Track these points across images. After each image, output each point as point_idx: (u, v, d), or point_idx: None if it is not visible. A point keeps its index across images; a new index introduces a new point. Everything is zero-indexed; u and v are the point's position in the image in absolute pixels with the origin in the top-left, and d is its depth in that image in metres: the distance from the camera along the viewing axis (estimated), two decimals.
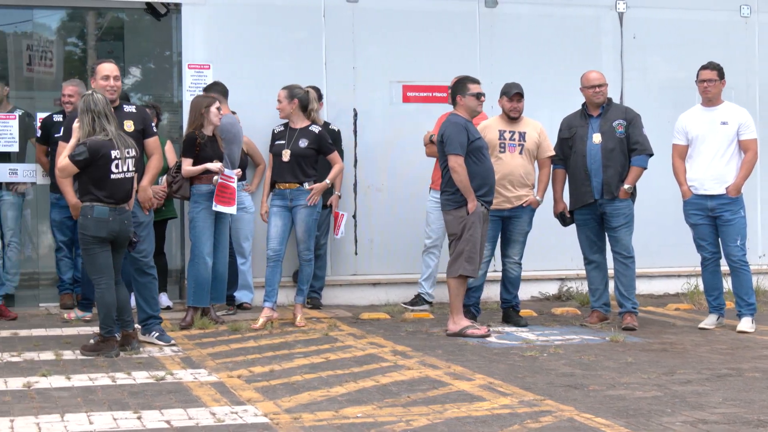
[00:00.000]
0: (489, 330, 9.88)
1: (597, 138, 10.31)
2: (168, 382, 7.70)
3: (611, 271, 10.59)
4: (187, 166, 10.09)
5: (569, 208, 10.55)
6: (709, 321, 10.32)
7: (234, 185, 10.16)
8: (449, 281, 9.84)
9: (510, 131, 10.38)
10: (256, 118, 11.41)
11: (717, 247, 10.22)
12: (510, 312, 10.54)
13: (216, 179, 10.04)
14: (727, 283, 10.48)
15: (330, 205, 11.41)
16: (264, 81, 11.45)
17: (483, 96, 9.94)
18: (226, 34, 11.74)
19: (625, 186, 10.23)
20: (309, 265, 10.42)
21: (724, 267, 10.26)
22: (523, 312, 10.80)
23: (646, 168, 10.37)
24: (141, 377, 7.83)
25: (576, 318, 10.99)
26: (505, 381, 7.76)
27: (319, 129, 10.35)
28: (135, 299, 9.34)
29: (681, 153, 10.30)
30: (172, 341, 9.21)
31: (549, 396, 7.27)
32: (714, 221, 10.14)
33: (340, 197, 11.55)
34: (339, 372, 8.08)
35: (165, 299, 11.30)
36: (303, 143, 10.24)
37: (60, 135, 9.56)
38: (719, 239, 10.19)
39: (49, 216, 11.51)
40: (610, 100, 10.51)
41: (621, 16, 12.75)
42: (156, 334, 9.22)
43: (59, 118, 11.14)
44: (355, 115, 12.00)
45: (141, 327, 9.25)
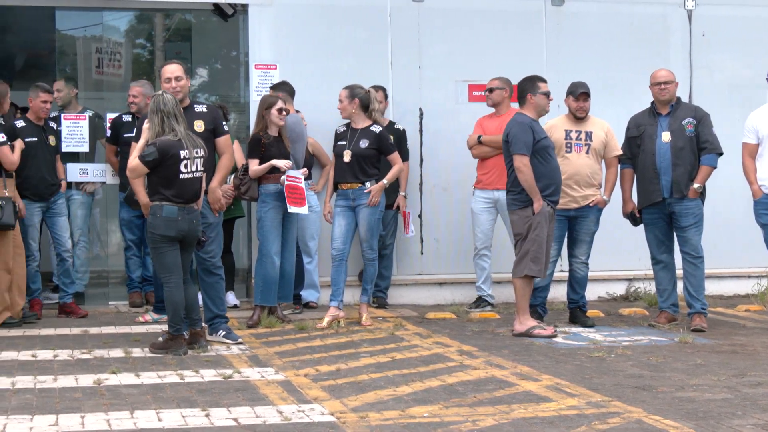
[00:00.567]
0: (556, 330, 9.83)
1: (666, 136, 10.21)
2: (235, 380, 7.75)
3: (680, 272, 10.48)
4: (254, 166, 10.15)
5: (637, 207, 10.46)
6: None
7: (302, 185, 10.20)
8: (515, 281, 9.80)
9: (576, 131, 10.32)
10: (320, 118, 11.44)
11: None
12: (577, 312, 10.47)
13: (283, 179, 10.09)
14: None
15: (398, 206, 11.42)
16: (329, 81, 11.48)
17: (551, 95, 9.91)
18: (292, 34, 11.80)
19: (695, 185, 10.12)
20: (372, 265, 10.43)
21: None
22: (590, 312, 10.72)
23: (715, 167, 10.24)
24: (209, 375, 7.89)
25: (644, 319, 10.88)
26: (572, 382, 7.71)
27: (380, 129, 10.35)
28: (202, 298, 9.41)
29: (751, 152, 10.16)
30: (239, 339, 9.27)
31: (617, 397, 7.21)
32: None
33: (405, 197, 11.54)
34: (405, 371, 8.08)
35: (232, 298, 11.38)
36: (364, 143, 10.25)
37: (132, 135, 9.67)
38: None
39: (118, 215, 11.64)
40: (678, 98, 10.40)
41: (690, 13, 12.62)
42: (223, 332, 9.29)
43: (128, 118, 11.27)
44: (421, 115, 12.00)
45: (208, 326, 9.32)
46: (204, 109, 9.31)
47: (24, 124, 10.47)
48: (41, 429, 6.32)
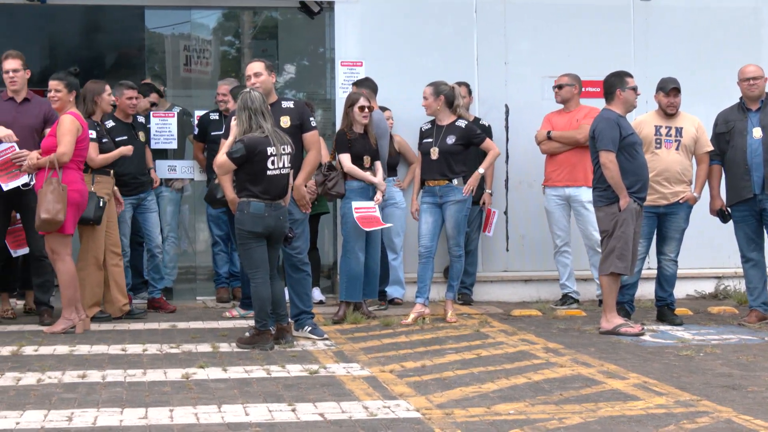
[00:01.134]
0: (643, 328, 9.72)
1: (757, 132, 10.05)
2: (321, 375, 7.79)
3: None
4: (347, 161, 10.19)
5: (726, 203, 10.31)
6: None
7: (373, 213, 10.25)
8: (601, 279, 9.72)
9: (666, 127, 10.21)
10: (406, 114, 11.44)
11: None
12: (665, 310, 10.35)
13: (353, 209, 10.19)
14: None
15: (484, 203, 11.39)
16: (414, 77, 11.47)
17: (638, 90, 9.82)
18: (377, 30, 11.82)
19: None
20: (459, 261, 10.42)
21: None
22: (679, 310, 10.59)
23: None
24: (295, 370, 7.94)
25: (733, 317, 10.72)
26: (660, 380, 7.63)
27: (466, 123, 10.33)
28: (288, 294, 9.48)
29: None
30: (324, 335, 9.32)
31: (706, 396, 7.11)
32: None
33: (491, 194, 11.51)
34: (491, 368, 8.06)
35: (318, 294, 11.44)
36: (450, 140, 10.24)
37: (220, 133, 9.76)
38: None
39: (206, 211, 11.76)
40: None
41: None
42: (309, 328, 9.34)
43: (215, 116, 11.38)
44: (507, 111, 11.95)
45: (294, 322, 9.37)
46: (291, 105, 9.37)
47: (113, 123, 10.62)
48: (131, 422, 6.41)
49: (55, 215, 9.22)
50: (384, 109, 11.04)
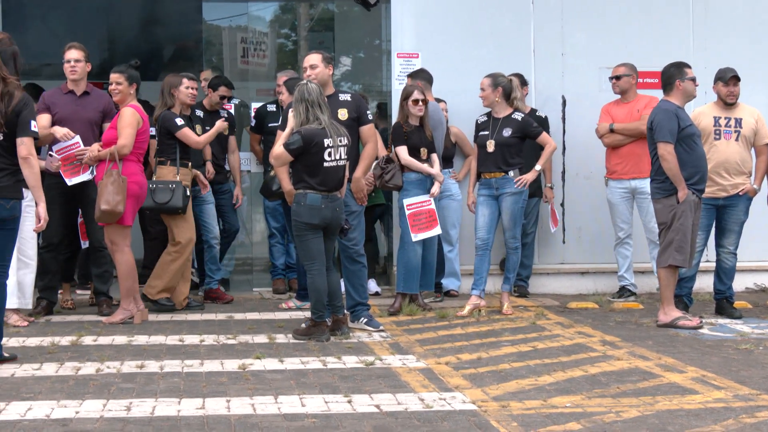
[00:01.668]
0: (701, 321, 9.63)
1: None
2: (377, 367, 7.81)
3: None
4: (404, 154, 10.19)
5: None
6: None
7: (429, 207, 10.25)
8: (659, 271, 9.65)
9: (725, 117, 10.10)
10: (462, 106, 11.42)
11: None
12: (723, 303, 10.25)
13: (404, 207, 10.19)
14: None
15: (543, 195, 11.37)
16: (471, 69, 11.44)
17: (697, 80, 9.73)
18: (434, 22, 11.80)
19: None
20: (515, 253, 10.38)
21: None
22: (738, 304, 10.48)
23: None
24: (351, 362, 7.96)
25: None
26: (719, 374, 7.56)
27: (522, 115, 10.28)
28: (344, 286, 9.50)
29: None
30: (380, 327, 9.33)
31: (765, 390, 7.04)
32: None
33: (552, 188, 11.45)
34: (547, 361, 8.03)
35: (374, 285, 11.46)
36: (507, 132, 10.20)
37: (276, 124, 9.80)
38: None
39: (263, 203, 11.81)
40: None
41: None
42: (365, 320, 9.36)
43: (273, 107, 11.41)
44: (564, 103, 11.88)
45: (350, 314, 9.40)
46: (348, 98, 9.39)
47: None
48: (188, 412, 6.47)
49: (115, 206, 9.32)
50: (439, 101, 11.02)
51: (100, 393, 6.93)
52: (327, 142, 8.67)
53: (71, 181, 9.88)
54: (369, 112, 9.43)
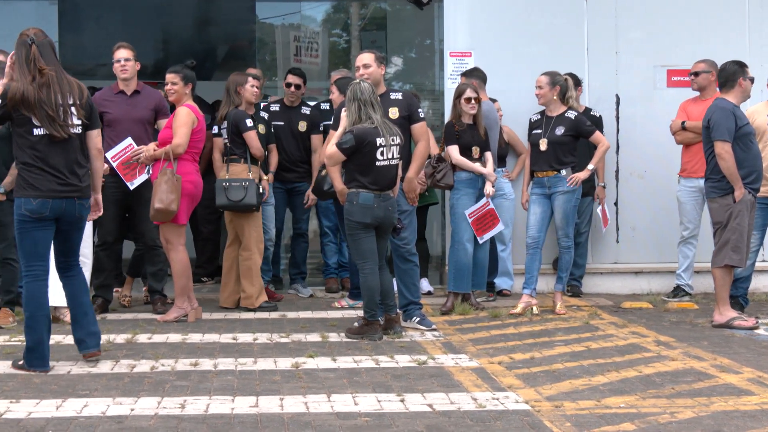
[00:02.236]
0: (757, 322, 9.53)
1: None
2: (430, 366, 7.81)
3: None
4: (455, 153, 10.18)
5: None
6: None
7: (489, 207, 10.23)
8: (714, 271, 9.55)
9: None
10: (515, 105, 11.37)
11: None
12: None
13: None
14: None
15: (597, 196, 11.30)
16: (523, 68, 11.40)
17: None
18: (486, 20, 11.76)
19: None
20: (568, 253, 10.33)
21: None
22: None
23: None
24: (403, 361, 7.96)
25: None
26: None
27: (575, 114, 10.22)
28: (396, 285, 9.50)
29: None
30: (433, 326, 9.32)
31: None
32: None
33: (604, 188, 11.37)
34: (600, 361, 7.99)
35: (426, 284, 11.45)
36: (560, 131, 10.15)
37: (329, 123, 9.82)
38: None
39: (316, 202, 11.81)
40: None
41: None
42: (417, 319, 9.35)
43: (326, 106, 11.42)
44: (618, 101, 11.79)
45: (402, 313, 9.40)
46: (399, 97, 9.39)
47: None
48: (242, 410, 6.50)
49: (169, 205, 9.38)
50: (493, 101, 10.99)
51: (154, 391, 6.99)
52: (379, 141, 8.68)
53: (133, 184, 9.96)
54: (420, 110, 9.43)
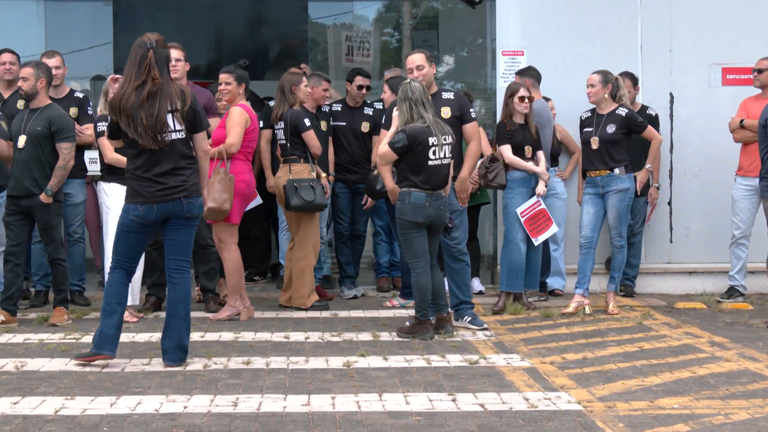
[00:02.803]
0: None
1: None
2: (481, 365, 7.79)
3: None
4: (507, 152, 10.15)
5: None
6: None
7: (541, 207, 10.19)
8: None
9: None
10: (567, 104, 11.30)
11: None
12: None
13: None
14: None
15: (649, 194, 11.22)
16: (576, 66, 11.34)
17: None
18: (539, 19, 11.71)
19: None
20: (621, 252, 10.27)
21: None
22: None
23: None
24: (455, 360, 7.96)
25: None
26: None
27: (626, 111, 10.15)
28: (448, 284, 9.49)
29: None
30: (484, 326, 9.30)
31: None
32: None
33: (658, 188, 11.28)
34: (653, 361, 7.93)
35: (477, 284, 11.43)
36: (611, 128, 10.08)
37: (382, 123, 9.84)
38: None
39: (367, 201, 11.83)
40: None
41: None
42: (468, 318, 9.34)
43: (379, 106, 11.42)
44: (671, 100, 11.70)
45: (453, 312, 9.39)
46: (451, 96, 9.38)
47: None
48: (294, 408, 6.52)
49: (222, 204, 9.43)
50: (546, 99, 10.95)
51: (207, 388, 7.03)
52: (431, 140, 8.68)
53: None
54: (472, 110, 9.41)
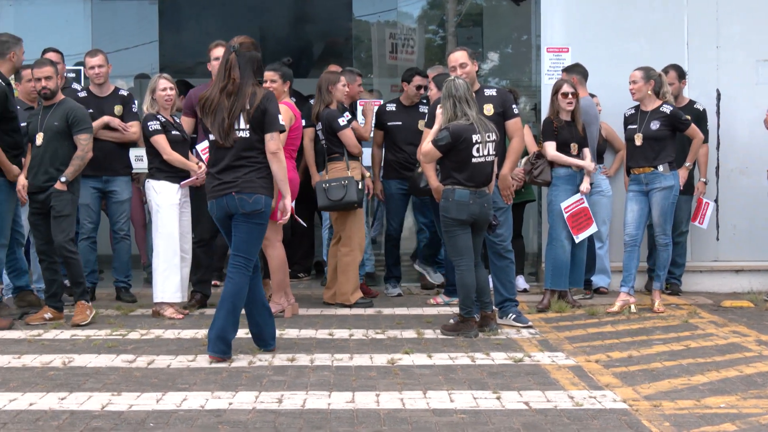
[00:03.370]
0: None
1: None
2: (526, 363, 7.77)
3: None
4: (551, 149, 10.11)
5: None
6: None
7: (584, 205, 10.13)
8: None
9: None
10: (612, 101, 11.21)
11: None
12: None
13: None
14: None
15: (696, 188, 11.13)
16: (621, 63, 11.24)
17: None
18: (584, 16, 11.65)
19: None
20: (666, 250, 10.20)
21: None
22: None
23: None
24: (499, 358, 7.94)
25: None
26: None
27: (671, 108, 10.08)
28: (492, 282, 9.47)
29: None
30: (529, 323, 9.28)
31: None
32: None
33: (706, 183, 11.20)
34: (700, 360, 7.88)
35: (522, 282, 11.39)
36: (655, 125, 10.02)
37: (424, 121, 9.85)
38: None
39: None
40: None
41: None
42: (513, 316, 9.32)
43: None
44: (718, 96, 11.60)
45: (498, 310, 9.37)
46: (494, 93, 9.35)
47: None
48: (338, 405, 6.54)
49: None
50: (592, 96, 10.89)
51: (252, 385, 7.06)
52: (475, 138, 8.66)
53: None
54: (515, 106, 9.38)
